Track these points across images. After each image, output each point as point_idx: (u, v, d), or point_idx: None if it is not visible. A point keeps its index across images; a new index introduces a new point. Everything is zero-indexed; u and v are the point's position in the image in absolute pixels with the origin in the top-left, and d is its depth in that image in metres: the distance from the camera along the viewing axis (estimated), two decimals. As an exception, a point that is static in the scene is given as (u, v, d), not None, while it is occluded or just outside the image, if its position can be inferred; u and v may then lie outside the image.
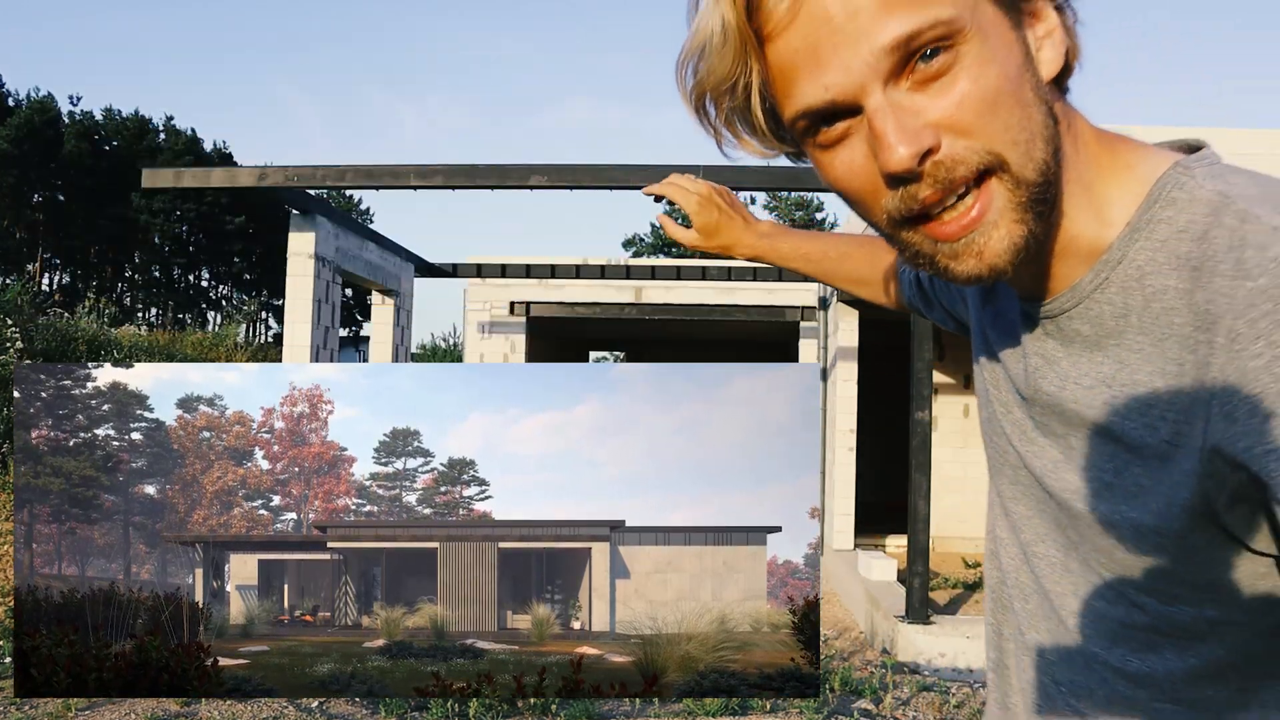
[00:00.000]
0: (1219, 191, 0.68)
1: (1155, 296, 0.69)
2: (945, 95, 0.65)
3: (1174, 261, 0.68)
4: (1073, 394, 0.76)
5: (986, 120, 0.65)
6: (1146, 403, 0.70)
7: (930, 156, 0.65)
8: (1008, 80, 0.66)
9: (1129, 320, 0.71)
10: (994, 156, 0.66)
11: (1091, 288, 0.74)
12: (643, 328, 15.21)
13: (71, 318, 15.02)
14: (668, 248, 44.67)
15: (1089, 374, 0.75)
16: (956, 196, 0.67)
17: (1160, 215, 0.70)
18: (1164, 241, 0.69)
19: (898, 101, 0.65)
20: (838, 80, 0.65)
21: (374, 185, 7.24)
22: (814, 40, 0.65)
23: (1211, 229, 0.67)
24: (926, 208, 0.67)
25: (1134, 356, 0.71)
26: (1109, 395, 0.73)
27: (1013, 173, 0.66)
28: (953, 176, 0.66)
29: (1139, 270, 0.71)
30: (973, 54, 0.65)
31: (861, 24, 0.64)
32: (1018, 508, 0.87)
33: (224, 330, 24.38)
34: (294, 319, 8.27)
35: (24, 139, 39.52)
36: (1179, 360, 0.68)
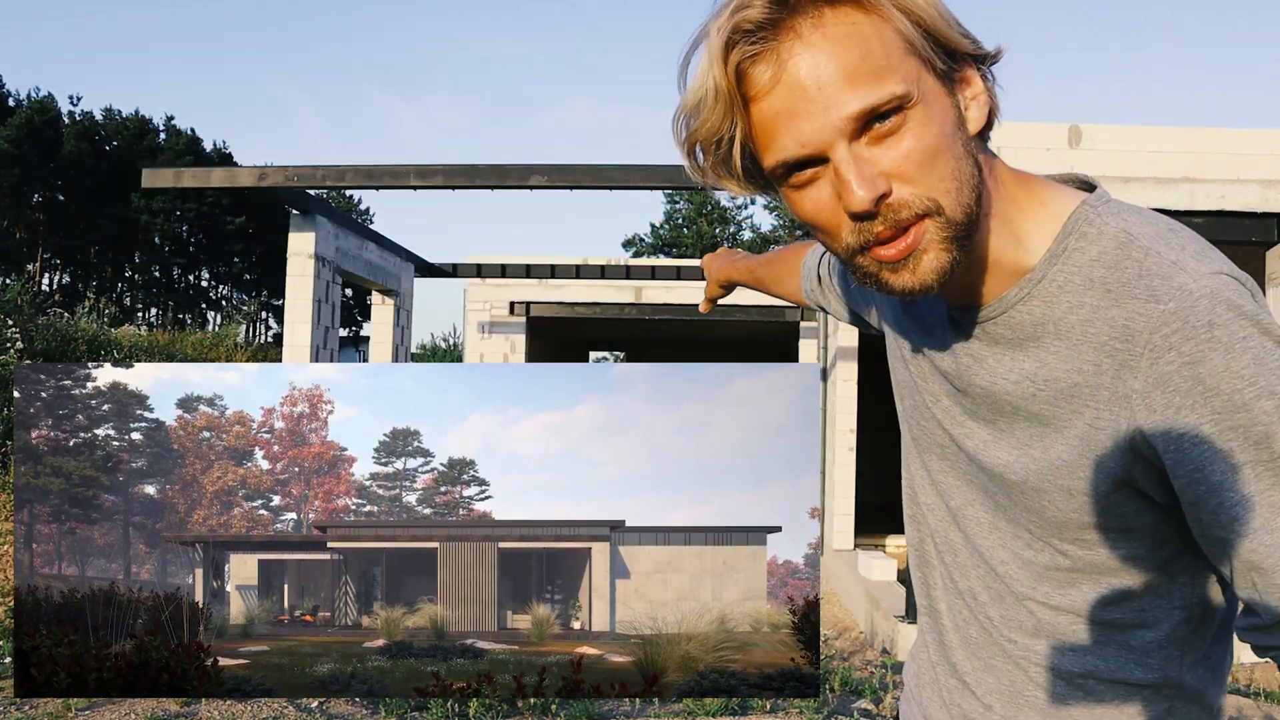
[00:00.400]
0: (1123, 229, 0.87)
1: (1072, 310, 0.88)
2: (895, 149, 0.81)
3: (1088, 284, 0.87)
4: (1003, 387, 0.94)
5: (926, 171, 0.82)
6: (1068, 394, 0.88)
7: (884, 200, 0.82)
8: (944, 139, 0.83)
9: (1046, 328, 0.90)
10: (932, 202, 0.83)
11: (1015, 300, 0.91)
12: (643, 328, 15.21)
13: (71, 318, 15.02)
14: (668, 248, 44.70)
15: (1014, 370, 0.93)
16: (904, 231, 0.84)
17: (1074, 245, 0.89)
18: (1079, 267, 0.88)
19: (858, 154, 0.81)
20: (811, 139, 0.81)
21: (374, 185, 7.24)
22: (791, 105, 0.81)
23: (1121, 260, 0.86)
24: (878, 239, 0.83)
25: (1051, 357, 0.89)
26: (1033, 388, 0.91)
27: (945, 215, 0.83)
28: (899, 217, 0.83)
29: (1058, 288, 0.89)
30: (917, 118, 0.81)
31: (829, 95, 0.79)
32: (946, 479, 1.05)
33: (224, 330, 24.38)
34: (294, 319, 8.26)
35: (24, 139, 39.51)
36: (1095, 362, 0.86)
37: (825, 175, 0.84)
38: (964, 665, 1.07)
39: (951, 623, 1.08)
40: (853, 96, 0.79)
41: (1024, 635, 1.00)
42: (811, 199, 0.85)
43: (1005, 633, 1.01)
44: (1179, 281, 0.82)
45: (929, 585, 1.12)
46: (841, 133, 0.80)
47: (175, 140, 46.29)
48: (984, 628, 1.03)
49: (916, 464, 1.11)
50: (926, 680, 1.14)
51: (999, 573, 1.00)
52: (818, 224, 0.86)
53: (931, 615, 1.12)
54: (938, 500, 1.07)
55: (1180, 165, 6.03)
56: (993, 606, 1.02)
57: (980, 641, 1.04)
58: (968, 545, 1.03)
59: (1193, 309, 0.81)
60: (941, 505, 1.07)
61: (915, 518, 1.13)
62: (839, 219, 0.84)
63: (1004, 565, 0.99)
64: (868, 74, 0.79)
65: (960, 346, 0.98)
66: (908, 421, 1.12)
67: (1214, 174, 6.03)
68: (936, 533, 1.08)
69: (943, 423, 1.03)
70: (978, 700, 1.05)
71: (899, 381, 1.13)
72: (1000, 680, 1.03)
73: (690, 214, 44.91)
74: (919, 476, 1.11)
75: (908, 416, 1.11)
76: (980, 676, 1.05)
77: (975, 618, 1.04)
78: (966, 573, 1.04)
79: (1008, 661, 1.01)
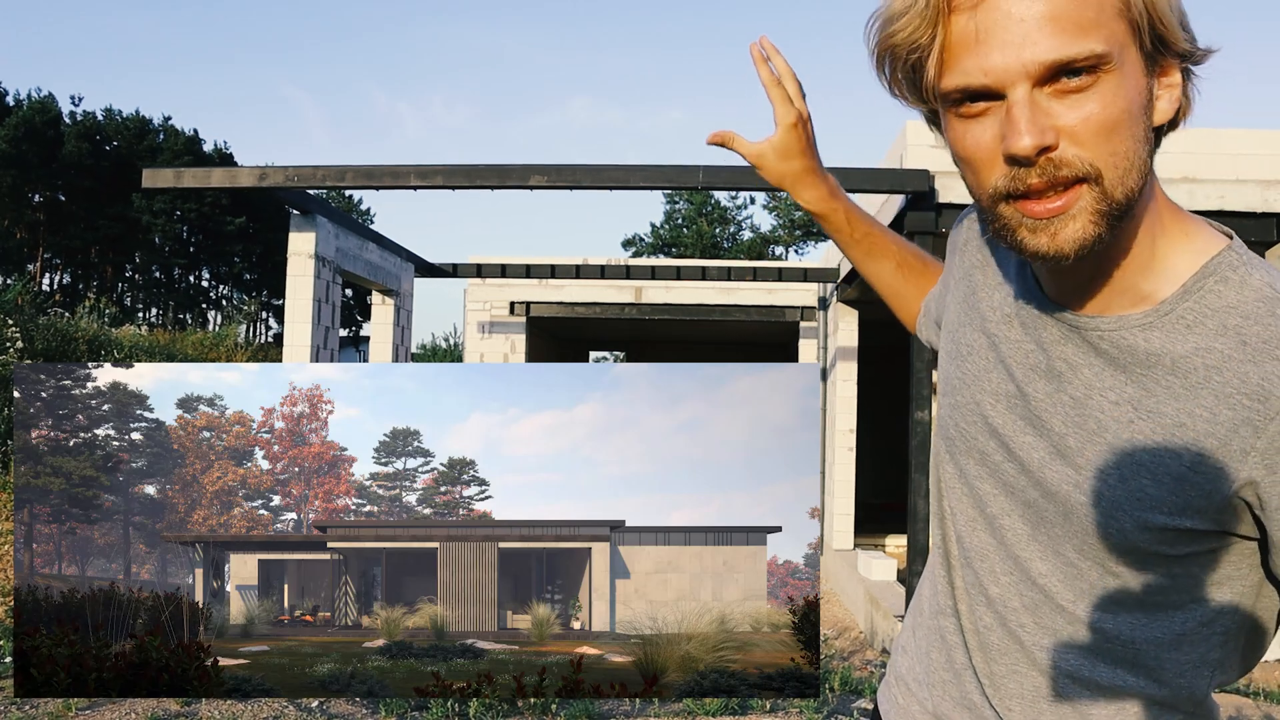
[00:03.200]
0: (1269, 284, 0.84)
1: (1198, 353, 0.84)
2: (1076, 109, 0.78)
3: (1221, 330, 0.83)
4: (1099, 404, 0.89)
5: (1101, 141, 0.78)
6: (1171, 432, 0.84)
7: (1047, 152, 0.78)
8: (1129, 115, 0.79)
9: (1162, 361, 0.85)
10: (1094, 170, 0.79)
11: (1136, 324, 0.87)
12: (643, 328, 15.21)
13: (72, 318, 15.02)
14: (668, 248, 44.69)
15: (1114, 390, 0.88)
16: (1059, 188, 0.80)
17: (1213, 288, 0.85)
18: (1214, 311, 0.84)
19: (1037, 101, 0.78)
20: (996, 71, 0.78)
21: (374, 185, 7.23)
22: (988, 29, 0.78)
23: (1264, 316, 0.82)
24: (1029, 190, 0.80)
25: (1162, 391, 0.85)
26: (1133, 415, 0.86)
27: (1104, 187, 0.79)
28: (1057, 174, 0.79)
29: (1185, 326, 0.85)
30: (1109, 84, 0.78)
31: (1028, 30, 0.76)
32: (983, 485, 1.01)
33: (224, 330, 24.39)
34: (294, 319, 8.27)
35: (24, 139, 39.52)
36: (1213, 410, 0.83)
37: (996, 112, 0.80)
38: (983, 669, 1.04)
39: (971, 626, 1.05)
40: (1052, 42, 0.76)
41: (1056, 645, 0.98)
42: (974, 132, 0.82)
43: (1037, 640, 0.98)
44: None
45: (951, 586, 1.08)
46: (1028, 74, 0.77)
47: (175, 140, 46.29)
48: (1012, 634, 1.00)
49: (949, 465, 1.07)
50: (939, 680, 1.11)
51: (1038, 584, 0.97)
52: (972, 159, 0.83)
53: (946, 616, 1.10)
54: (969, 504, 1.03)
55: (1180, 165, 6.03)
56: (1025, 614, 0.99)
57: (1003, 648, 1.02)
58: (1003, 552, 1.00)
59: None
60: (974, 510, 1.03)
61: (941, 517, 1.10)
62: (995, 159, 0.81)
63: (1044, 578, 0.96)
64: (1075, 23, 0.76)
65: (1056, 348, 0.93)
66: (947, 421, 1.07)
67: (1214, 174, 6.03)
68: (965, 537, 1.05)
69: (997, 428, 0.98)
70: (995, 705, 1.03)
71: (946, 378, 1.08)
72: (1025, 686, 1.00)
73: (690, 214, 44.92)
74: (949, 477, 1.07)
75: (948, 416, 1.07)
76: (1001, 682, 1.02)
77: (1002, 624, 1.01)
78: (998, 579, 1.01)
79: (1033, 668, 0.99)
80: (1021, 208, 0.81)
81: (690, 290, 12.32)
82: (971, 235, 1.10)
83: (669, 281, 12.14)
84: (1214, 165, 6.02)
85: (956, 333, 1.07)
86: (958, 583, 1.07)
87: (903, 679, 1.18)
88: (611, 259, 12.71)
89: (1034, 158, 0.78)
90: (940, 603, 1.10)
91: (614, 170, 6.82)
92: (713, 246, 43.88)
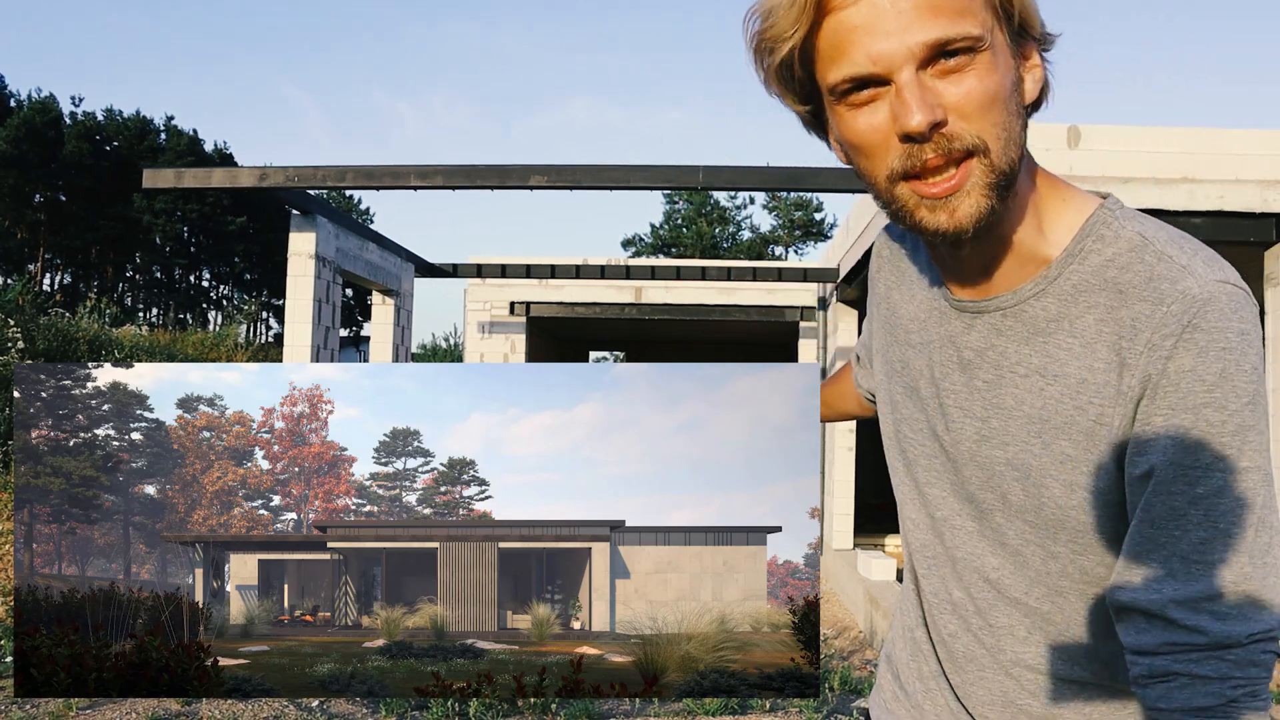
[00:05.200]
0: (1139, 233, 0.90)
1: (1089, 310, 0.90)
2: (958, 86, 0.84)
3: (1103, 284, 0.90)
4: (1010, 381, 0.94)
5: (984, 113, 0.84)
6: (1075, 390, 0.90)
7: (939, 128, 0.84)
8: (1003, 90, 0.85)
9: (1060, 325, 0.91)
10: (982, 142, 0.84)
11: (1030, 294, 0.93)
12: (643, 328, 15.21)
13: (72, 318, 15.02)
14: (667, 248, 44.67)
15: (1021, 364, 0.94)
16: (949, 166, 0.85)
17: (1091, 247, 0.91)
18: (1094, 269, 0.90)
19: (924, 81, 0.83)
20: (883, 57, 0.83)
21: (374, 185, 7.24)
22: (870, 21, 0.83)
23: (1134, 263, 0.89)
24: (924, 167, 0.85)
25: (1063, 354, 0.91)
26: (1042, 383, 0.92)
27: (991, 158, 0.85)
28: (951, 147, 0.84)
29: (1072, 288, 0.91)
30: (984, 63, 0.84)
31: (909, 18, 0.82)
32: (933, 490, 1.06)
33: (225, 330, 24.38)
34: (294, 319, 8.27)
35: (25, 139, 39.52)
36: (1106, 360, 0.88)
37: (885, 97, 0.85)
38: (954, 677, 1.07)
39: (938, 635, 1.09)
40: (931, 25, 0.82)
41: (1015, 643, 1.00)
42: (865, 119, 0.86)
43: (997, 642, 1.01)
44: (1184, 286, 0.85)
45: (919, 595, 1.12)
46: (913, 56, 0.82)
47: (176, 141, 46.30)
48: (977, 637, 1.03)
49: (903, 477, 1.11)
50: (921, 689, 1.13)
51: (990, 579, 1.00)
52: (865, 146, 0.87)
53: (918, 626, 1.13)
54: (923, 514, 1.08)
55: (1179, 166, 6.03)
56: (987, 614, 1.02)
57: (968, 654, 1.04)
58: (956, 555, 1.03)
59: (1187, 311, 0.84)
60: (926, 517, 1.07)
61: (904, 530, 1.14)
62: (889, 142, 0.86)
63: (995, 571, 1.00)
64: (949, 7, 0.82)
65: (963, 339, 0.99)
66: (895, 437, 1.12)
67: (1213, 174, 6.03)
68: (925, 546, 1.08)
69: (934, 428, 1.03)
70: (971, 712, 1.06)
71: (888, 396, 1.13)
72: (993, 691, 1.03)
73: (690, 214, 44.90)
74: (905, 489, 1.11)
75: (896, 432, 1.12)
76: (970, 690, 1.05)
77: (967, 628, 1.04)
78: (960, 581, 1.04)
79: (999, 671, 1.02)
80: (917, 189, 0.86)
81: (690, 290, 12.32)
82: (882, 262, 1.16)
83: (669, 281, 12.15)
84: (1213, 165, 6.02)
85: (887, 353, 1.13)
86: (925, 592, 1.10)
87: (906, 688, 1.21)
88: (611, 259, 12.71)
89: (928, 133, 0.83)
90: (912, 615, 1.15)
91: (614, 170, 6.83)
92: (712, 246, 43.86)
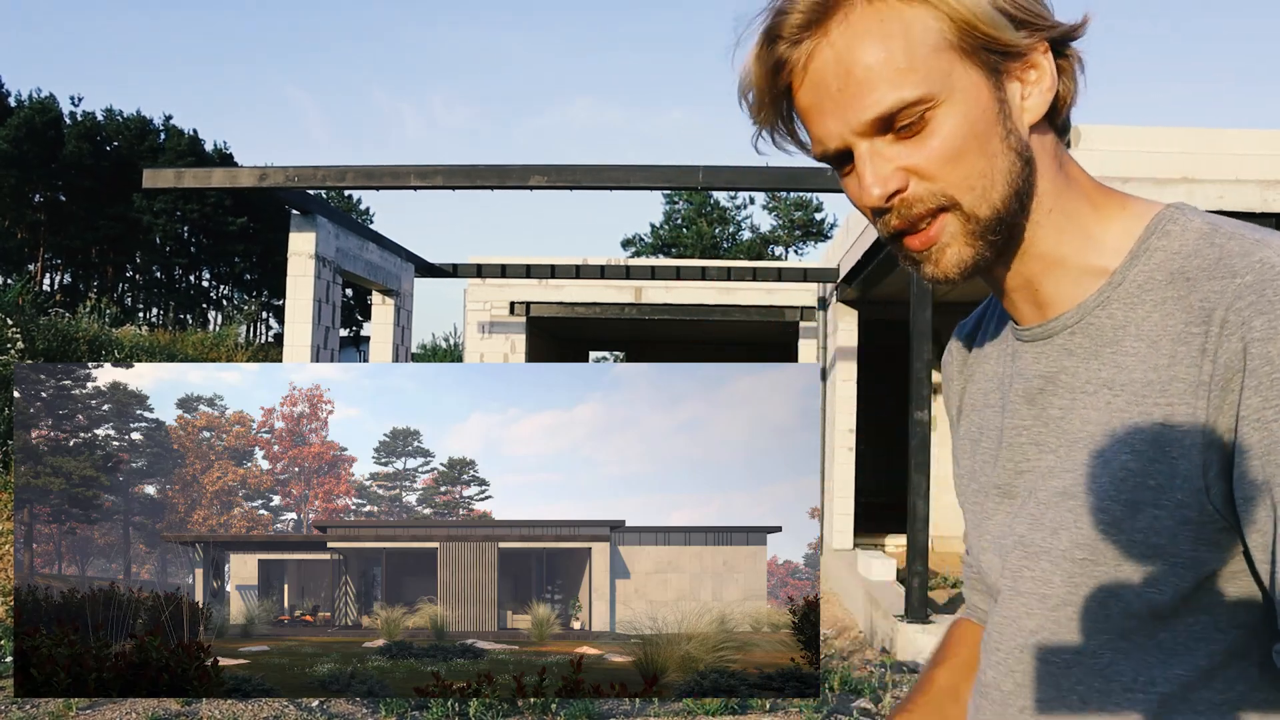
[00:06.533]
0: (1208, 223, 0.83)
1: (1155, 308, 0.81)
2: (917, 148, 0.81)
3: (1168, 277, 0.81)
4: (1081, 403, 0.85)
5: (948, 170, 0.81)
6: (1141, 395, 0.80)
7: (898, 194, 0.83)
8: (973, 137, 0.81)
9: (1127, 330, 0.83)
10: (948, 199, 0.82)
11: (1095, 305, 0.86)
12: (643, 328, 15.21)
13: (72, 318, 15.03)
14: (667, 248, 44.68)
15: (1090, 380, 0.85)
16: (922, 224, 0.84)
17: (1156, 244, 0.84)
18: (1159, 264, 0.83)
19: (878, 150, 0.82)
20: (834, 137, 0.83)
21: (374, 185, 7.24)
22: (817, 102, 0.83)
23: (1202, 249, 0.80)
24: (897, 230, 0.85)
25: (1129, 360, 0.82)
26: (1109, 396, 0.83)
27: (964, 211, 0.82)
28: (911, 213, 0.83)
29: (1138, 288, 0.83)
30: (942, 116, 0.80)
31: (845, 97, 0.81)
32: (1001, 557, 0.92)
33: (225, 330, 24.39)
34: (294, 319, 8.27)
35: (25, 139, 39.51)
36: (1171, 354, 0.79)
37: None
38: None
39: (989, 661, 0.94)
40: (867, 101, 0.80)
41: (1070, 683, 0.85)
42: (852, 187, 0.87)
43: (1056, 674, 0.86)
44: (1259, 256, 0.76)
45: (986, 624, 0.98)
46: (859, 134, 0.82)
47: (176, 141, 46.31)
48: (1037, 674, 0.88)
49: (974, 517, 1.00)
50: None
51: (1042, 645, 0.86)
52: (861, 210, 0.88)
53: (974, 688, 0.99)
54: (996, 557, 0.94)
55: (1179, 166, 6.03)
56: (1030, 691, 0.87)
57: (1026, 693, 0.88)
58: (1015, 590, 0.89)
59: (1271, 282, 0.74)
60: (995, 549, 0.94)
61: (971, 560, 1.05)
62: None
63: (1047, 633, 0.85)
64: (884, 79, 0.79)
65: (1034, 368, 0.91)
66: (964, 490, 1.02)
67: (1212, 174, 6.03)
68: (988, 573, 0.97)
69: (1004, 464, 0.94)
70: None
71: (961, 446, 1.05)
72: None
73: (690, 214, 44.90)
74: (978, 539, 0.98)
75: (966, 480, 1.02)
76: None
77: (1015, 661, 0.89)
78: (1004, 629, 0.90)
79: None
80: (904, 245, 0.86)
81: (690, 290, 12.32)
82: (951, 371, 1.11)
83: (669, 281, 12.15)
84: (1213, 165, 6.03)
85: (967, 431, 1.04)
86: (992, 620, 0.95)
87: None
88: (611, 259, 12.72)
89: (886, 204, 0.83)
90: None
91: (614, 170, 6.83)
92: (712, 247, 43.86)
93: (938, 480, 11.11)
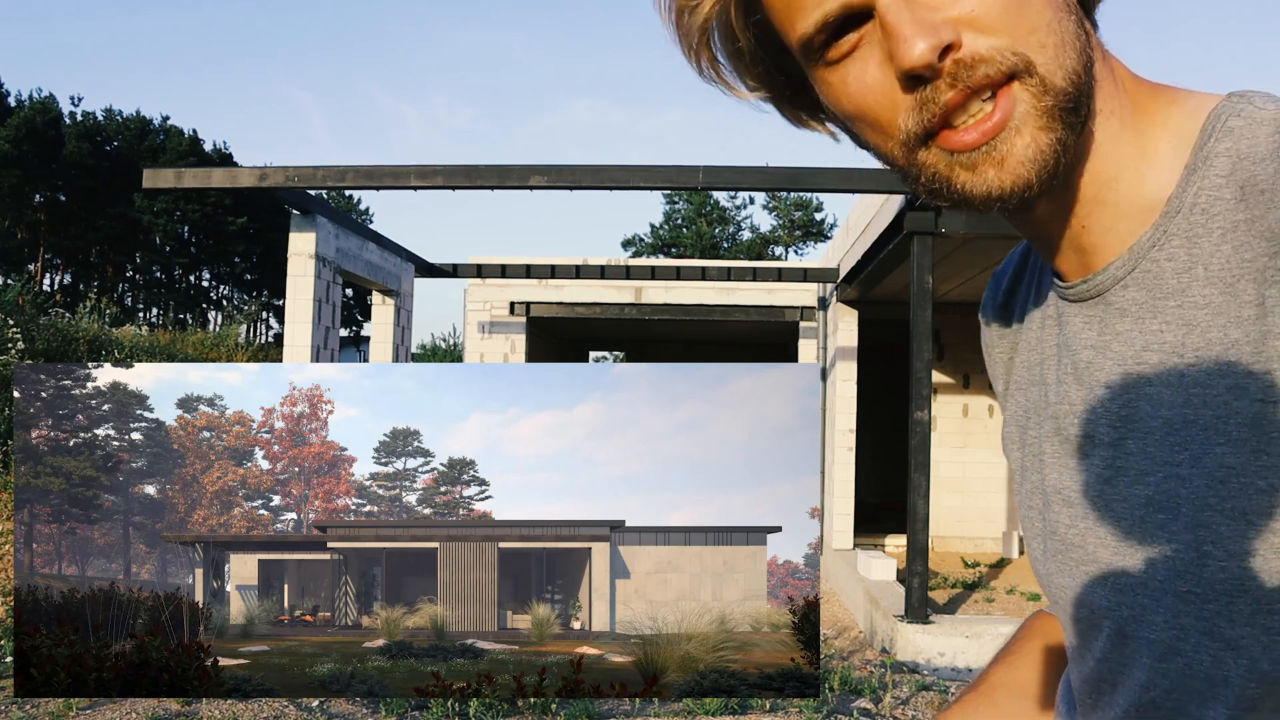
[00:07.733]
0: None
1: (1224, 238, 0.59)
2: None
3: (1239, 193, 0.59)
4: (1141, 375, 0.63)
5: (1012, 18, 0.57)
6: (1224, 359, 0.58)
7: (950, 53, 0.57)
8: None
9: (1193, 273, 0.60)
10: (1019, 58, 0.57)
11: (1149, 245, 0.62)
12: (643, 328, 15.21)
13: (73, 318, 15.04)
14: (667, 248, 44.70)
15: (1153, 345, 0.62)
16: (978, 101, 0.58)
17: (1217, 149, 0.61)
18: (1227, 176, 0.60)
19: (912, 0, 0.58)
20: None
21: (374, 185, 7.24)
22: None
23: (1278, 145, 0.58)
24: (949, 113, 0.59)
25: (1202, 314, 0.60)
26: (1182, 366, 0.60)
27: (1039, 76, 0.58)
28: (973, 76, 0.57)
29: (1203, 214, 0.60)
30: None
31: None
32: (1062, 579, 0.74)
33: (225, 330, 24.39)
34: (294, 319, 8.27)
35: (25, 139, 39.54)
36: (1257, 300, 0.57)
37: (871, 37, 0.60)
38: None
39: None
40: None
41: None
42: (855, 76, 0.61)
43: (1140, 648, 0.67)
44: None
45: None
46: None
47: (176, 141, 46.34)
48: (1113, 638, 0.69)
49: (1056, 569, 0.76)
50: None
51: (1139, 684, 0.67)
52: (867, 113, 0.62)
53: None
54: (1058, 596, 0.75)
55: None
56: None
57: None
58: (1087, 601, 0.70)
59: None
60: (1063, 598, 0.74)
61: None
62: (894, 99, 0.60)
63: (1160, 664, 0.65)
64: None
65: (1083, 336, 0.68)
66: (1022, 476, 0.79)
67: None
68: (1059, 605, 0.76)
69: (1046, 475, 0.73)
70: None
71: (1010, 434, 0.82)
72: None
73: (690, 214, 44.92)
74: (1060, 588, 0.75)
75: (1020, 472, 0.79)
76: None
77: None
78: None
79: None
80: (946, 143, 0.60)
81: (690, 290, 12.33)
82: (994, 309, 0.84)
83: (669, 281, 12.15)
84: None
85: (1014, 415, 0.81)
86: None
87: None
88: (611, 259, 12.72)
89: (937, 65, 0.57)
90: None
91: (614, 170, 6.83)
92: (712, 247, 43.88)
93: (938, 480, 11.12)
